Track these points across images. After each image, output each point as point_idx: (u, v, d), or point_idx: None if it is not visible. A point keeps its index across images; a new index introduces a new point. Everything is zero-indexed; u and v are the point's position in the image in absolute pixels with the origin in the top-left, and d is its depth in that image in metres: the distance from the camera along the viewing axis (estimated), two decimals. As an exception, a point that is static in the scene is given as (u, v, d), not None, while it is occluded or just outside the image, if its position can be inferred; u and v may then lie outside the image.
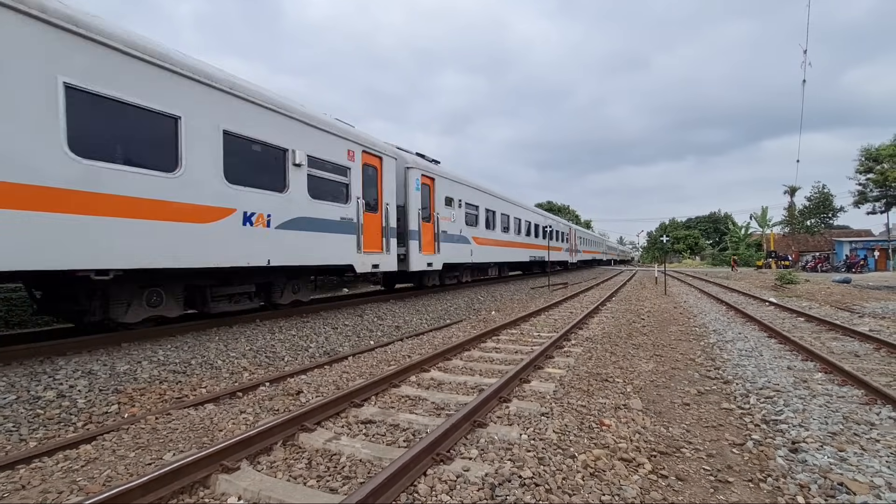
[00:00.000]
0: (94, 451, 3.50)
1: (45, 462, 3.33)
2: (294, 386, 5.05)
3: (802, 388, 4.95)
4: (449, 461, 3.10)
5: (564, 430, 3.65)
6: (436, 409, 4.23)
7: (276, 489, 2.79)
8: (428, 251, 12.43)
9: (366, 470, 3.07)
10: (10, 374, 4.66)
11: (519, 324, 9.33)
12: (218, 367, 5.80)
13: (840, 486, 2.93)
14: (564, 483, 2.85)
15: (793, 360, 6.28)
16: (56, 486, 2.95)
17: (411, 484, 2.82)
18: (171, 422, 4.04)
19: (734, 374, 5.64)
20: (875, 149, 41.93)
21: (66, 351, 5.53)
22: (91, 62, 5.18)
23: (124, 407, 4.51)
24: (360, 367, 6.00)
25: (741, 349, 7.03)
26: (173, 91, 6.00)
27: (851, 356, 6.58)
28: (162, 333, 6.61)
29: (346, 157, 9.37)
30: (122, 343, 6.03)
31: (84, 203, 5.07)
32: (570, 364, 5.88)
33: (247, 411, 4.24)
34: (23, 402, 4.22)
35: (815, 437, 3.67)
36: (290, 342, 7.15)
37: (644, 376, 5.56)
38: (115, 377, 4.97)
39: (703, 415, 4.34)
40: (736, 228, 66.29)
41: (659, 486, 2.96)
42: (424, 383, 5.10)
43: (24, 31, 4.59)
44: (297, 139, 8.04)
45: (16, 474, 3.14)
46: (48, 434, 3.92)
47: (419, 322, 9.97)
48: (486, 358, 6.34)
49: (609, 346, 7.06)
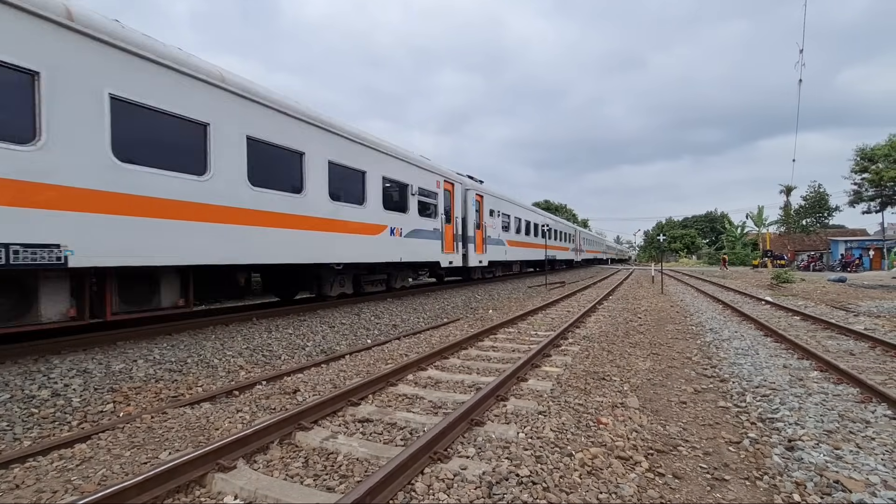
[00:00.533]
0: (89, 450, 3.48)
1: (39, 461, 3.31)
2: (291, 384, 5.03)
3: (798, 387, 4.98)
4: (446, 460, 3.10)
5: (562, 428, 3.65)
6: (433, 408, 4.23)
7: (273, 488, 2.78)
8: (479, 252, 16.72)
9: (363, 469, 3.06)
10: (5, 372, 4.63)
11: (516, 322, 9.33)
12: (214, 366, 5.78)
13: (836, 483, 2.94)
14: (562, 481, 2.85)
15: (789, 359, 6.31)
16: (51, 486, 2.93)
17: (409, 482, 2.81)
18: (166, 420, 4.02)
19: (730, 373, 5.66)
20: (870, 149, 42.19)
21: (61, 349, 5.49)
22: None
23: (119, 406, 4.49)
24: (357, 365, 5.99)
25: (737, 348, 7.05)
26: (363, 157, 10.12)
27: (847, 355, 6.61)
28: (158, 332, 6.58)
29: (435, 185, 13.45)
30: (118, 341, 6.00)
31: (342, 227, 9.45)
32: (567, 363, 5.89)
33: (243, 410, 4.21)
34: (17, 401, 4.19)
35: (810, 435, 3.68)
36: (286, 341, 7.13)
37: (641, 375, 5.57)
38: (110, 376, 4.95)
39: (700, 413, 4.35)
40: (732, 228, 66.53)
41: (656, 484, 2.96)
42: (422, 382, 5.09)
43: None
44: (412, 177, 12.17)
45: (10, 474, 3.12)
46: (43, 433, 3.89)
47: (416, 321, 9.96)
48: (483, 356, 6.34)
49: (606, 345, 7.08)
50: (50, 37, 4.88)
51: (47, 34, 4.86)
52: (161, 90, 5.96)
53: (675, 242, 79.27)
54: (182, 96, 6.24)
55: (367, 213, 10.14)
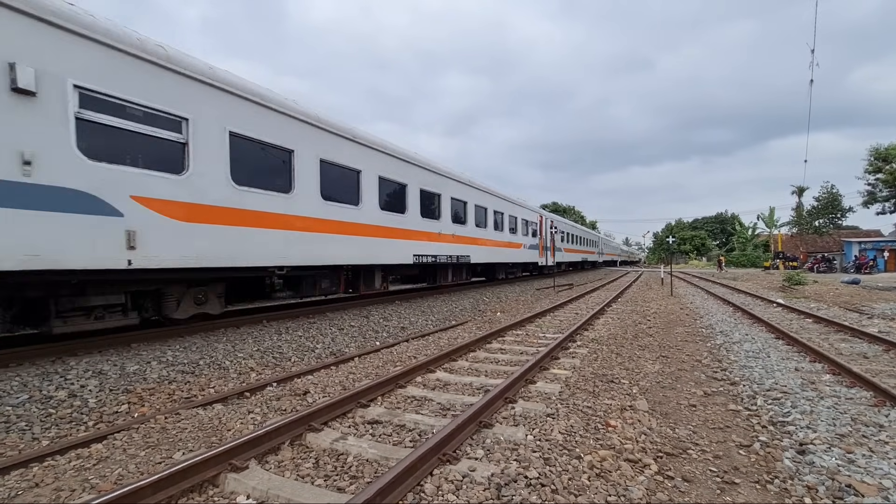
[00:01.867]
0: (105, 449, 3.55)
1: (57, 460, 3.39)
2: (301, 386, 5.09)
3: (810, 390, 4.92)
4: (455, 461, 3.12)
5: (570, 430, 3.65)
6: (442, 410, 4.25)
7: (285, 488, 2.82)
8: (553, 257, 25.86)
9: (373, 470, 3.09)
10: (23, 373, 4.74)
11: (524, 325, 9.33)
12: (226, 368, 5.86)
13: (848, 487, 2.92)
14: (570, 484, 2.86)
15: (800, 362, 6.24)
16: (69, 485, 3.00)
17: (418, 484, 2.84)
18: (180, 421, 4.09)
19: (741, 376, 5.62)
20: (884, 148, 41.47)
21: (77, 351, 5.61)
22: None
23: (134, 406, 4.57)
24: (366, 367, 6.03)
25: (748, 350, 6.98)
26: (501, 206, 18.34)
27: (860, 358, 6.52)
28: (171, 334, 6.69)
29: (536, 218, 23.05)
30: (132, 344, 6.11)
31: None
32: (575, 365, 5.88)
33: (255, 411, 4.28)
34: (35, 402, 4.29)
35: (822, 438, 3.65)
36: (296, 343, 7.20)
37: (650, 377, 5.54)
38: (125, 377, 5.04)
39: (710, 416, 4.32)
40: (743, 229, 65.74)
41: (665, 488, 2.96)
42: (430, 384, 5.12)
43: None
44: (528, 215, 21.73)
45: (29, 472, 3.20)
46: (60, 433, 3.98)
47: (424, 323, 9.99)
48: (491, 359, 6.35)
49: (615, 348, 7.05)
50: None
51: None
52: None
53: (685, 244, 78.47)
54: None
55: (515, 238, 19.75)
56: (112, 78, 5.25)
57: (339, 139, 9.03)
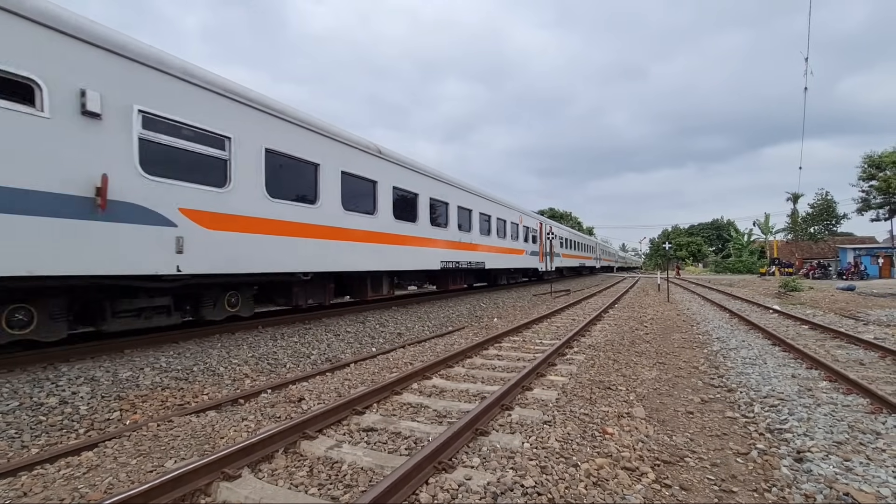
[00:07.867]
0: (95, 458, 3.50)
1: (46, 469, 3.33)
2: (296, 393, 5.04)
3: (807, 397, 4.92)
4: (451, 470, 3.09)
5: (567, 438, 3.63)
6: (438, 417, 4.22)
7: (278, 497, 2.78)
8: (552, 262, 25.93)
9: (367, 478, 3.05)
10: (14, 380, 4.67)
11: (521, 331, 9.30)
12: (220, 374, 5.80)
13: (846, 496, 2.90)
14: (567, 492, 2.83)
15: (797, 369, 6.24)
16: (58, 494, 2.95)
17: (413, 493, 2.80)
18: (172, 429, 4.04)
19: (738, 383, 5.61)
20: (878, 156, 41.85)
21: (69, 357, 5.54)
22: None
23: (126, 414, 4.51)
24: (361, 374, 5.99)
25: (745, 357, 6.98)
26: (512, 217, 19.85)
27: (856, 364, 6.53)
28: (164, 340, 6.63)
29: (537, 225, 23.43)
30: (126, 350, 6.04)
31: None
32: (572, 372, 5.86)
33: (248, 418, 4.23)
34: (25, 409, 4.22)
35: (820, 446, 3.64)
36: (292, 349, 7.14)
37: (647, 384, 5.53)
38: (117, 384, 4.98)
39: (707, 423, 4.30)
40: (739, 235, 66.08)
41: (662, 496, 2.93)
42: (426, 391, 5.09)
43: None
44: (530, 223, 22.35)
45: (18, 481, 3.14)
46: (50, 441, 3.92)
47: (421, 329, 9.95)
48: (488, 365, 6.32)
49: (612, 354, 7.03)
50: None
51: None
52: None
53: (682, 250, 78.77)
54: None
55: (519, 244, 20.46)
56: (168, 102, 5.80)
57: (358, 152, 9.58)
